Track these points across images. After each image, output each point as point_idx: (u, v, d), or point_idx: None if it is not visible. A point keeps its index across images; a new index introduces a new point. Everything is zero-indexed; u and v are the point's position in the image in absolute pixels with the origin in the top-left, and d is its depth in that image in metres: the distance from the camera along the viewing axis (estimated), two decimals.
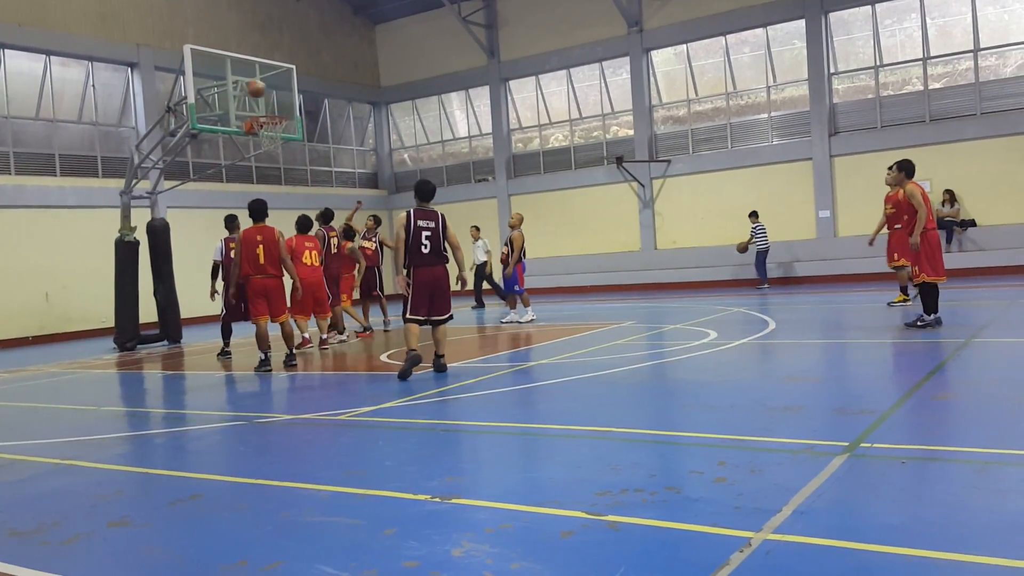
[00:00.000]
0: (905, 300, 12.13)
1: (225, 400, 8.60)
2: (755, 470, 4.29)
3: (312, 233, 12.25)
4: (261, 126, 14.67)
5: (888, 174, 11.09)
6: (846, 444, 4.63)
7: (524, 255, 13.98)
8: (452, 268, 8.77)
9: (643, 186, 22.92)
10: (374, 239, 14.28)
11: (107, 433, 6.86)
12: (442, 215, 8.59)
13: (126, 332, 14.93)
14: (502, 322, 13.94)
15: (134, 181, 15.53)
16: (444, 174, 26.83)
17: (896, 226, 11.36)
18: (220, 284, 11.96)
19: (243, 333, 12.81)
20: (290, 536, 3.76)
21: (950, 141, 18.83)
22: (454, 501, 4.08)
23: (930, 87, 19.52)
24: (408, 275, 8.46)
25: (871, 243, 13.19)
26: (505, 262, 13.88)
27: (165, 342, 15.38)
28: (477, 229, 19.17)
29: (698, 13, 21.74)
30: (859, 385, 6.93)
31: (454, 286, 8.90)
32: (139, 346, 14.99)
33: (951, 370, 7.00)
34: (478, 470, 4.92)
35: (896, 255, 11.84)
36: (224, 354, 11.79)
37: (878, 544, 3.16)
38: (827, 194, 20.43)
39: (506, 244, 14.13)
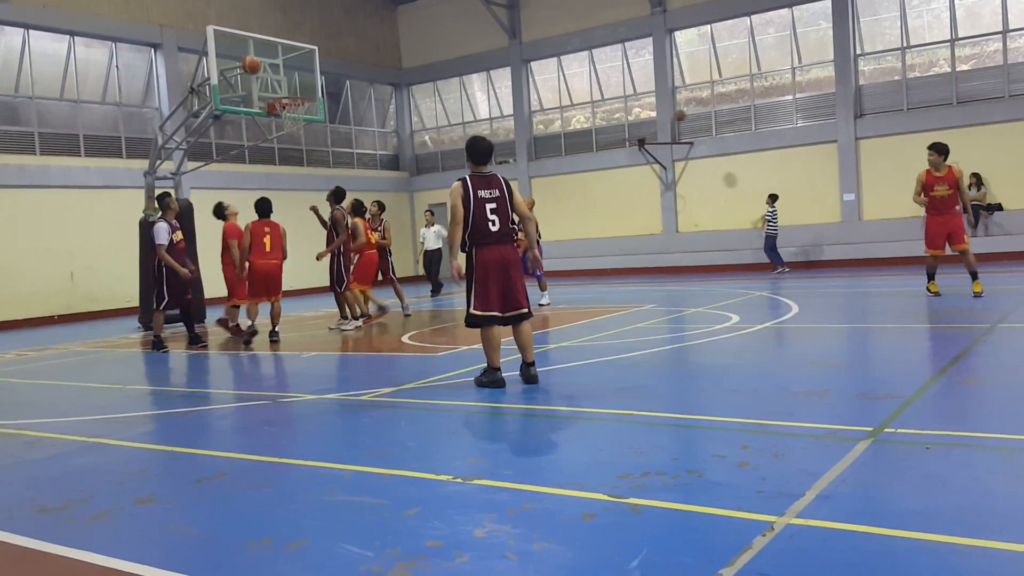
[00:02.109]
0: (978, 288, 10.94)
1: (248, 379, 8.68)
2: (778, 454, 4.28)
3: (329, 216, 12.32)
4: (284, 107, 14.70)
5: (930, 157, 10.89)
6: (870, 429, 4.60)
7: (540, 239, 13.85)
8: None
9: (665, 168, 22.78)
10: (380, 227, 13.85)
11: (132, 412, 6.95)
12: (505, 180, 6.82)
13: (151, 312, 15.03)
14: (539, 304, 13.61)
15: (158, 162, 15.63)
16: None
17: (956, 207, 10.83)
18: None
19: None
20: (314, 515, 3.80)
21: (977, 124, 18.54)
22: (476, 482, 4.10)
23: (957, 69, 19.21)
24: (470, 260, 6.65)
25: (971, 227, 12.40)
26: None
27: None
28: (431, 214, 19.06)
29: None
30: (883, 370, 6.88)
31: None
32: (164, 325, 15.08)
33: (977, 355, 6.92)
34: (500, 451, 4.94)
35: (967, 237, 10.99)
36: (198, 342, 11.63)
37: (901, 529, 3.14)
38: (852, 177, 20.21)
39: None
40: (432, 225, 18.64)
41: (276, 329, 11.31)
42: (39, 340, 14.12)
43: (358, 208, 13.04)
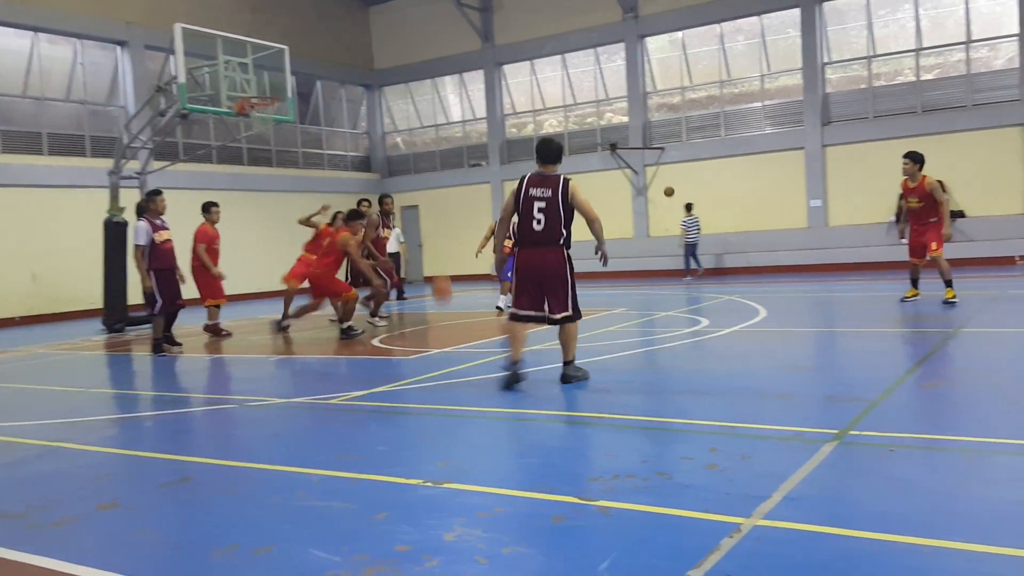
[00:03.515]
0: (917, 294, 11.32)
1: (216, 383, 8.59)
2: (746, 457, 4.32)
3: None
4: (252, 107, 14.57)
5: (905, 166, 10.98)
6: (836, 432, 4.65)
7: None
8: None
9: (636, 173, 22.91)
10: (390, 223, 13.65)
11: (96, 415, 6.84)
12: (565, 180, 6.59)
13: (115, 313, 14.86)
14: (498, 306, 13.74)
15: (123, 161, 15.42)
16: (437, 159, 26.74)
17: (932, 219, 10.91)
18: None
19: (192, 320, 12.76)
20: (282, 520, 3.76)
21: (941, 132, 18.86)
22: (447, 486, 4.09)
23: (922, 78, 19.54)
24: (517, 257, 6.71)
25: (902, 236, 12.13)
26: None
27: None
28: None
29: (693, 0, 21.66)
30: (849, 373, 6.97)
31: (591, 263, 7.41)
32: (128, 328, 14.92)
33: (940, 359, 7.04)
34: (471, 455, 4.92)
35: (935, 244, 10.93)
36: (173, 343, 11.04)
37: (866, 531, 3.18)
38: (819, 183, 20.46)
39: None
40: (393, 228, 18.46)
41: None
42: (0, 342, 13.85)
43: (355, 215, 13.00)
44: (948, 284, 10.80)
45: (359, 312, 12.70)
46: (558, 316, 6.58)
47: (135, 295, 15.42)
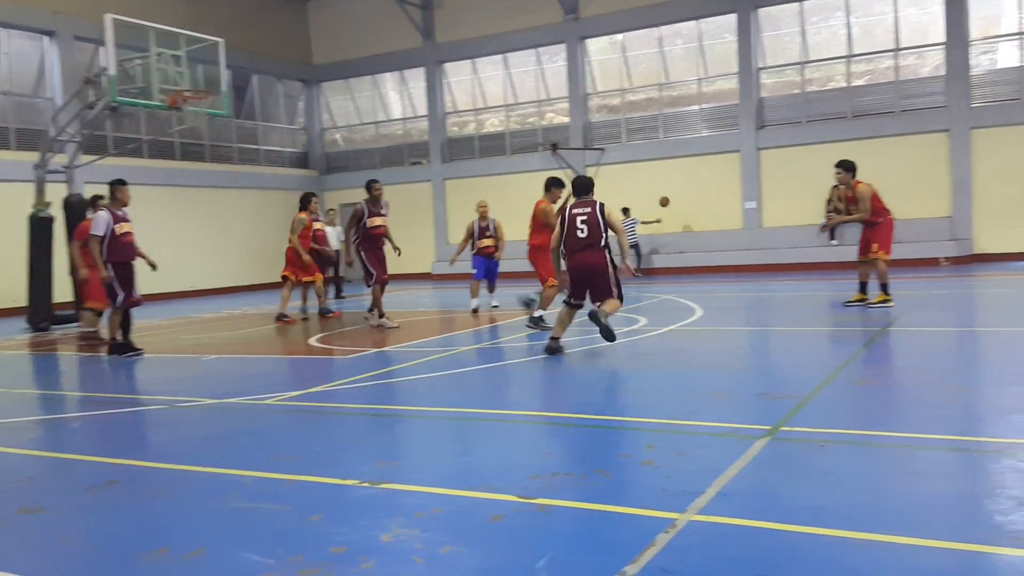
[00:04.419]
0: (863, 299, 11.00)
1: (145, 383, 8.35)
2: (681, 453, 4.37)
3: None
4: (185, 100, 14.23)
5: (838, 175, 11.00)
6: (768, 428, 4.74)
7: (473, 243, 13.74)
8: None
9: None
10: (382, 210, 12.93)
11: (18, 416, 6.58)
12: (601, 203, 8.15)
13: (40, 312, 14.36)
14: (493, 305, 13.46)
15: (49, 154, 14.91)
16: (377, 156, 26.50)
17: (876, 222, 10.76)
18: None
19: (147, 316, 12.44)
20: (212, 523, 3.67)
21: (871, 137, 19.41)
22: (384, 486, 4.05)
23: (853, 84, 20.10)
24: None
25: (831, 238, 12.09)
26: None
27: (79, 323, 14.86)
28: (333, 211, 19.02)
29: (633, 3, 21.89)
30: (781, 371, 7.12)
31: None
32: (53, 326, 14.44)
33: (868, 357, 7.25)
34: (410, 455, 4.88)
35: (875, 246, 10.81)
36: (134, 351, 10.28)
37: (798, 524, 3.25)
38: (753, 186, 20.88)
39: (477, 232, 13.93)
40: (334, 225, 18.24)
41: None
42: None
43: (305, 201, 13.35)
44: (882, 288, 10.73)
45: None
46: (603, 305, 7.96)
47: (61, 293, 14.98)
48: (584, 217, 8.02)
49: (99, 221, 9.81)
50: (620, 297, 8.10)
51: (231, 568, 3.12)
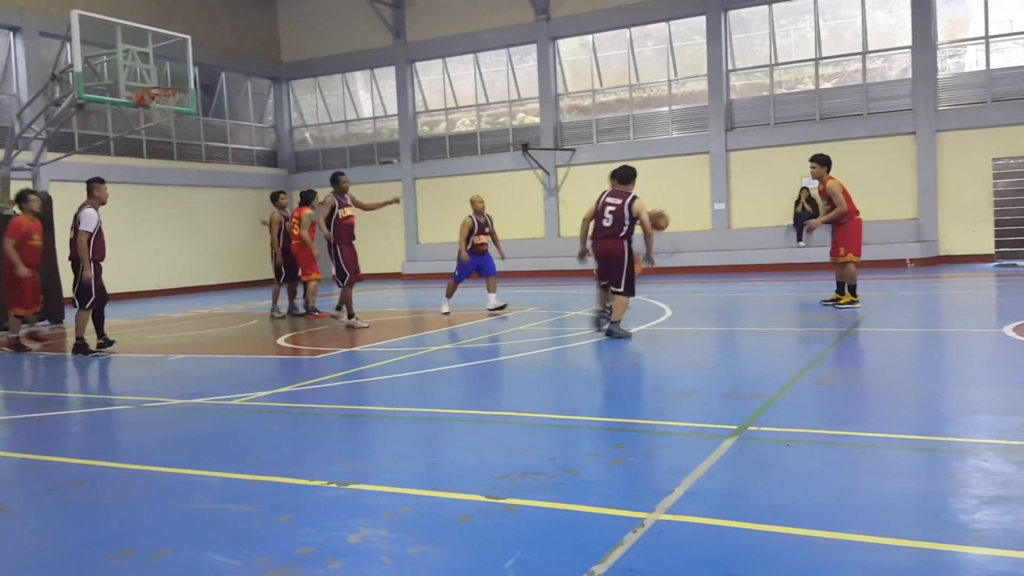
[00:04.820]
0: (839, 299, 10.99)
1: (111, 383, 8.24)
2: (650, 453, 4.40)
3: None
4: (153, 98, 14.04)
5: (812, 169, 10.98)
6: (735, 427, 4.79)
7: (469, 243, 12.85)
8: None
9: (548, 174, 23.10)
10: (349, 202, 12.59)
11: None
12: (633, 196, 8.96)
13: (3, 310, 14.10)
14: (499, 306, 12.57)
15: (14, 152, 14.64)
16: (347, 155, 26.35)
17: (843, 220, 10.76)
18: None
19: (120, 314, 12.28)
20: (178, 524, 3.63)
21: (838, 139, 19.62)
22: (352, 487, 4.03)
23: (821, 87, 20.34)
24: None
25: (799, 238, 11.88)
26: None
27: (46, 322, 14.62)
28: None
29: (604, 4, 21.98)
30: (749, 371, 7.19)
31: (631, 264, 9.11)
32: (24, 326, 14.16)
33: (834, 358, 7.34)
34: (378, 455, 4.86)
35: (843, 249, 10.90)
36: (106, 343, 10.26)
37: (764, 523, 3.28)
38: (722, 187, 21.06)
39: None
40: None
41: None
42: None
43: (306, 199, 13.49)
44: (849, 290, 10.76)
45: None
46: (615, 289, 9.04)
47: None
48: (613, 208, 8.89)
49: (91, 218, 9.72)
50: (629, 291, 8.96)
51: (197, 569, 3.09)
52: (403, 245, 25.10)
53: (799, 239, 19.31)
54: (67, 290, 15.39)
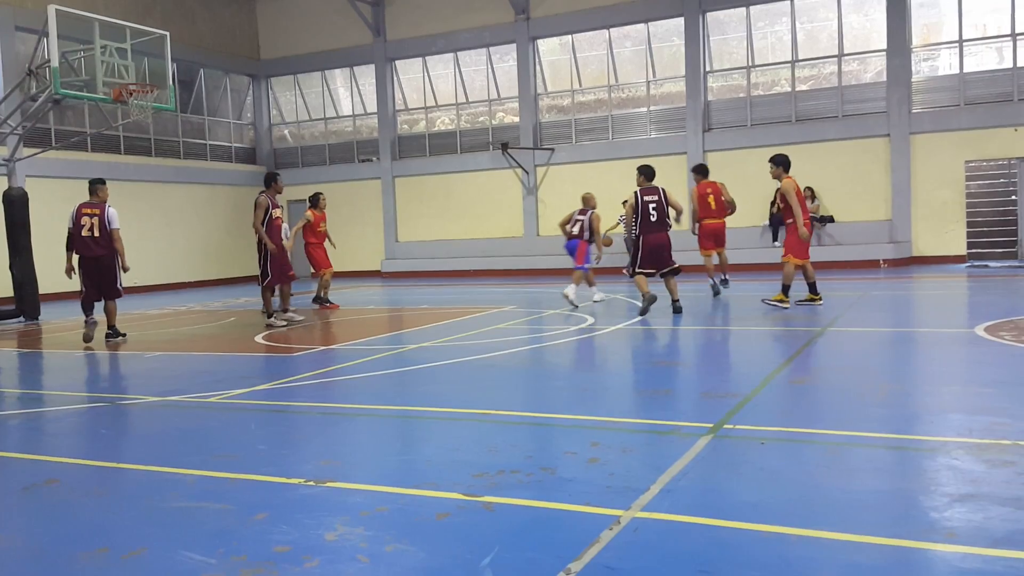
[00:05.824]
0: (813, 299, 11.12)
1: (87, 380, 8.17)
2: (626, 450, 4.44)
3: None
4: (130, 94, 13.93)
5: (771, 171, 11.13)
6: (710, 425, 4.84)
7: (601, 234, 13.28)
8: None
9: (527, 173, 23.13)
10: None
11: None
12: (663, 188, 10.76)
13: None
14: (593, 300, 12.91)
15: None
16: (327, 152, 26.24)
17: (789, 220, 10.99)
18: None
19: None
20: (154, 522, 3.62)
21: (814, 141, 19.84)
22: (329, 485, 4.03)
23: (797, 89, 20.52)
24: (638, 239, 10.71)
25: (774, 238, 12.19)
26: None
27: (21, 318, 14.47)
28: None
29: (583, 5, 22.05)
30: (724, 370, 7.25)
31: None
32: None
33: (808, 357, 7.42)
34: (355, 453, 4.87)
35: (784, 250, 11.16)
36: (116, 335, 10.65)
37: (738, 521, 3.32)
38: None
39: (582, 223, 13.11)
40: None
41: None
42: None
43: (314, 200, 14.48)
44: (783, 288, 10.86)
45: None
46: (672, 267, 10.76)
47: (0, 288, 14.58)
48: (654, 204, 10.50)
49: (117, 216, 10.35)
50: (677, 264, 10.82)
51: (173, 568, 3.09)
52: (382, 243, 25.04)
53: (775, 239, 19.48)
54: (50, 287, 15.30)
